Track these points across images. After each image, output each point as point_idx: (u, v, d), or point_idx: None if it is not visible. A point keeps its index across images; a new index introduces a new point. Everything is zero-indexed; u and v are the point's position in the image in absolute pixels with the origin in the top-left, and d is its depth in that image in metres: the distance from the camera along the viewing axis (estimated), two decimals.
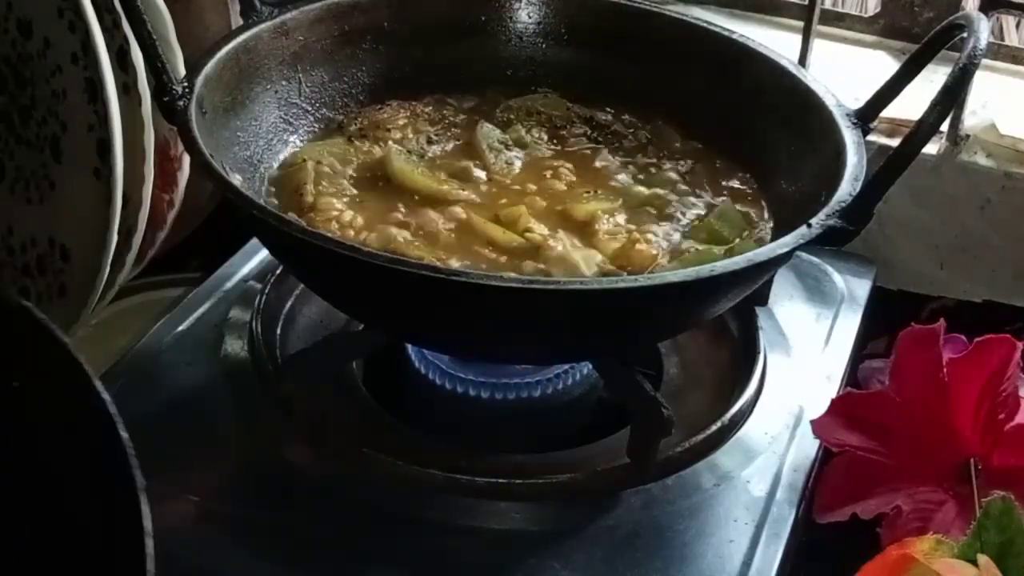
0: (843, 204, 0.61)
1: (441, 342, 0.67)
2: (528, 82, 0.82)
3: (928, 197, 0.88)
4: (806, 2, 0.87)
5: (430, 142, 0.76)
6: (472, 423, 0.72)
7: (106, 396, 0.42)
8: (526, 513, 0.63)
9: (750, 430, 0.69)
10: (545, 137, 0.78)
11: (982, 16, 0.63)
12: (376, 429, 0.68)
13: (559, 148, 0.77)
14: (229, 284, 0.78)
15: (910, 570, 0.54)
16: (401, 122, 0.77)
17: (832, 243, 0.61)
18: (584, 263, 0.66)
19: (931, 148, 0.86)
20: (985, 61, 0.86)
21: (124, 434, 0.41)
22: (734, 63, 0.77)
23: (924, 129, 0.59)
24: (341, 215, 0.68)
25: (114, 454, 0.41)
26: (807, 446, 0.69)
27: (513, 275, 0.61)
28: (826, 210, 0.61)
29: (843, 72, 0.90)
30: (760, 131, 0.75)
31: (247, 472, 0.66)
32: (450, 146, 0.76)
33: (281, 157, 0.73)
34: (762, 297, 0.76)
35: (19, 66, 0.74)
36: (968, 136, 0.87)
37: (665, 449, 0.65)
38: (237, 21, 0.78)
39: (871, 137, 0.71)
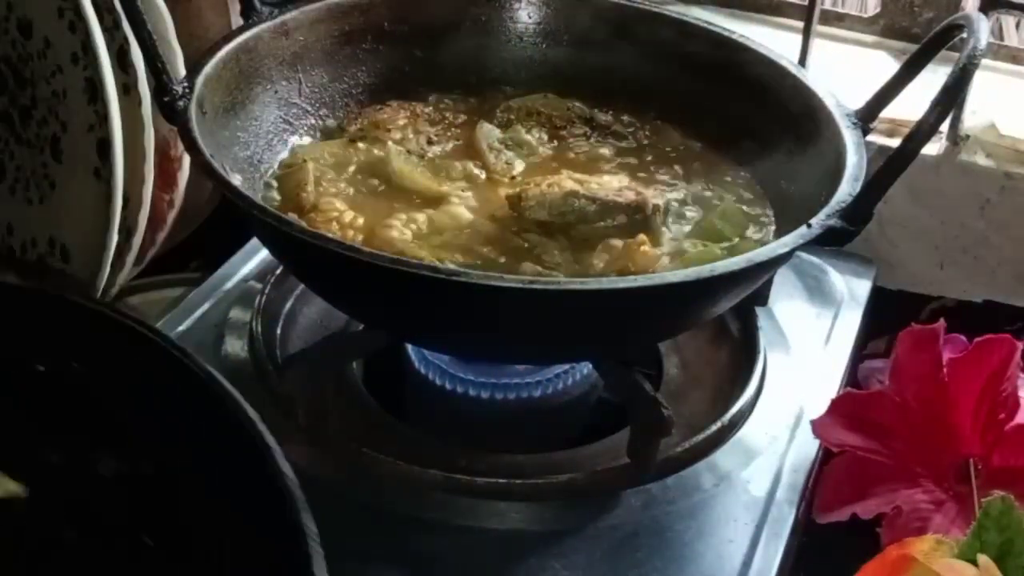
0: (843, 204, 0.61)
1: (441, 342, 0.67)
2: (528, 82, 0.82)
3: (928, 197, 0.88)
4: (806, 2, 0.87)
5: (430, 142, 0.76)
6: (472, 423, 0.72)
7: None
8: (526, 513, 0.63)
9: (750, 430, 0.69)
10: (545, 137, 0.78)
11: (982, 16, 0.63)
12: (376, 429, 0.68)
13: (559, 148, 0.77)
14: (229, 284, 0.78)
15: (910, 570, 0.54)
16: (401, 122, 0.77)
17: (832, 243, 0.60)
18: (584, 263, 0.66)
19: (931, 148, 0.86)
20: (985, 61, 0.86)
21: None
22: (734, 63, 0.77)
23: (924, 129, 0.59)
24: (341, 215, 0.68)
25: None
26: (807, 446, 0.69)
27: (513, 275, 0.61)
28: (826, 210, 0.60)
29: (843, 72, 0.90)
30: (760, 131, 0.75)
31: None
32: (450, 146, 0.76)
33: (281, 157, 0.73)
34: (762, 297, 0.76)
35: (19, 66, 0.74)
36: (968, 136, 0.87)
37: (665, 449, 0.65)
38: (237, 21, 0.78)
39: (871, 137, 0.71)
